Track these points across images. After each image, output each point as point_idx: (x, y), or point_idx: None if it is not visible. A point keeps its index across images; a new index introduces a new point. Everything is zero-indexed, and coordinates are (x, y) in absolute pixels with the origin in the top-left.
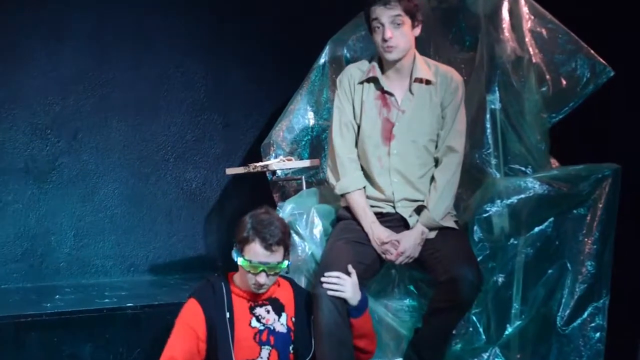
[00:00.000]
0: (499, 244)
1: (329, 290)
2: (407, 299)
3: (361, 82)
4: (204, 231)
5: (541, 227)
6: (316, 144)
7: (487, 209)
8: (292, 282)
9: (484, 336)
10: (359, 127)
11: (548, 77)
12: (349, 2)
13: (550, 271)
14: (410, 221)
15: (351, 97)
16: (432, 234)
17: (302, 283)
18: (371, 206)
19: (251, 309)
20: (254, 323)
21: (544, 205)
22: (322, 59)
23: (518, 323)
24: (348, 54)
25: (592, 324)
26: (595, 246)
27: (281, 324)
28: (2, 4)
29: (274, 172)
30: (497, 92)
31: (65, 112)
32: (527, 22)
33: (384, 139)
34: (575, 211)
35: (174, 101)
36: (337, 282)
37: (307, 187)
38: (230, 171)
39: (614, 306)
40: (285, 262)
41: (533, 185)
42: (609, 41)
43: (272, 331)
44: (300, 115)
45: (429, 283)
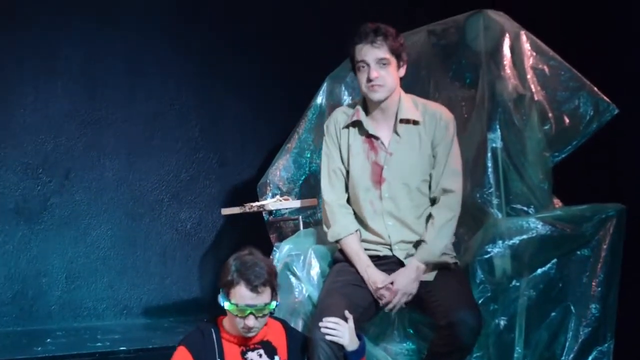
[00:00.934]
0: (500, 286)
1: (326, 335)
2: (407, 342)
3: (347, 127)
4: (199, 273)
5: (544, 268)
6: (314, 183)
7: (489, 250)
8: (285, 324)
9: None
10: (347, 172)
11: (550, 115)
12: (346, 38)
13: (553, 314)
14: (407, 262)
15: (338, 143)
16: (431, 276)
17: (299, 326)
18: (367, 249)
19: (243, 353)
20: None
21: (547, 246)
22: (320, 97)
23: None
24: (346, 91)
25: None
26: (599, 288)
27: None
28: None
29: (270, 212)
30: (499, 130)
31: (56, 151)
32: (529, 59)
33: (374, 182)
34: (579, 252)
35: (168, 139)
36: (334, 328)
37: (304, 228)
38: (226, 211)
39: (619, 350)
40: (274, 303)
41: (535, 226)
42: (612, 77)
43: None
44: (298, 154)
45: (429, 326)
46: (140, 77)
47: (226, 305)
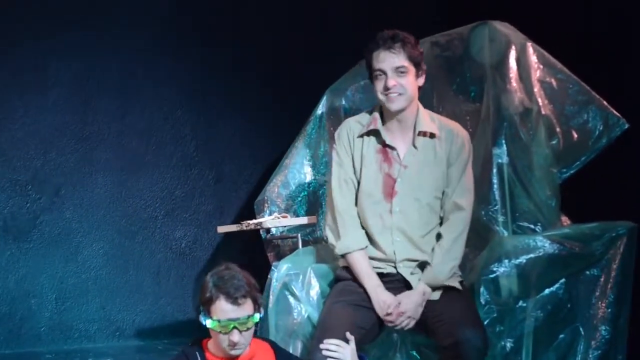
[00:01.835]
0: (506, 306)
1: (328, 358)
2: None
3: (361, 136)
4: (194, 293)
5: (552, 288)
6: (313, 200)
7: (494, 269)
8: (273, 344)
9: None
10: (358, 183)
11: (558, 129)
12: (346, 50)
13: (561, 336)
14: (412, 280)
15: (351, 152)
16: (436, 295)
17: (298, 347)
18: None
19: None
20: None
21: (555, 266)
22: (319, 110)
23: None
24: (346, 105)
25: None
26: (609, 310)
27: None
28: None
29: (268, 230)
30: (505, 145)
31: (46, 167)
32: (536, 72)
33: (385, 195)
34: (588, 272)
35: (162, 155)
36: (336, 350)
37: (303, 246)
38: (222, 229)
39: None
40: (257, 315)
41: (543, 244)
42: (622, 90)
43: None
44: (296, 170)
45: (432, 348)
46: (134, 91)
47: (208, 323)
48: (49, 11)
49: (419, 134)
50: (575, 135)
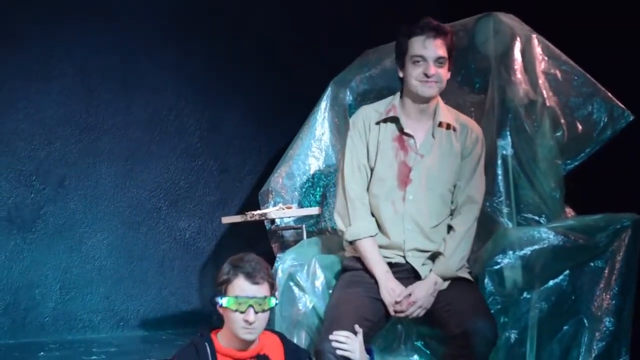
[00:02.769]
0: (511, 298)
1: (337, 350)
2: (415, 356)
3: (377, 123)
4: (199, 283)
5: (556, 280)
6: (317, 191)
7: (499, 260)
8: (282, 337)
9: None
10: (372, 170)
11: (563, 121)
12: (351, 41)
13: (565, 327)
14: (423, 271)
15: (366, 139)
16: (445, 285)
17: (302, 338)
18: None
19: None
20: None
21: (559, 257)
22: (324, 101)
23: None
24: (351, 96)
25: None
26: (614, 301)
27: None
28: None
29: (272, 221)
30: (509, 137)
31: (51, 158)
32: (541, 64)
33: (400, 182)
34: (592, 264)
35: (166, 146)
36: (345, 342)
37: (307, 237)
38: (227, 220)
39: None
40: (273, 300)
41: (547, 236)
42: (626, 82)
43: None
44: (301, 161)
45: (437, 339)
46: (138, 82)
47: (224, 301)
48: (52, 1)
49: (439, 124)
50: (579, 127)
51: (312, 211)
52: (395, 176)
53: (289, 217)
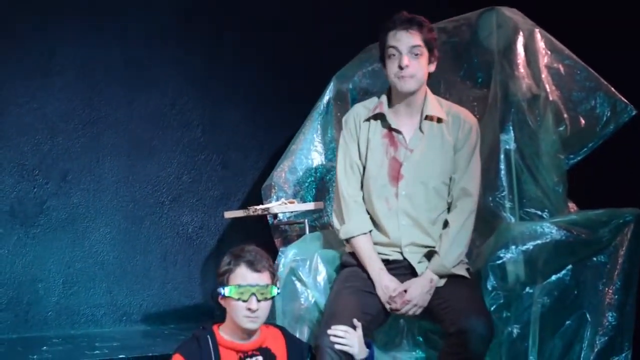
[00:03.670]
0: (513, 292)
1: (336, 345)
2: (416, 351)
3: (367, 120)
4: (201, 278)
5: (559, 275)
6: (320, 185)
7: (501, 255)
8: (284, 331)
9: None
10: (364, 168)
11: (566, 116)
12: (354, 36)
13: (568, 322)
14: (419, 268)
15: (356, 137)
16: (442, 282)
17: (304, 333)
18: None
19: None
20: None
21: (562, 252)
22: (326, 96)
23: None
24: (354, 91)
25: None
26: (616, 296)
27: None
28: None
29: (275, 216)
30: (512, 131)
31: (54, 152)
32: (544, 58)
33: (391, 178)
34: (595, 259)
35: (169, 140)
36: (344, 336)
37: (310, 232)
38: (229, 214)
39: None
40: (275, 289)
41: (550, 231)
42: (630, 76)
43: None
44: (303, 156)
45: (439, 334)
46: (141, 77)
47: (226, 291)
48: None
49: (425, 118)
50: (582, 122)
51: (314, 206)
52: (386, 173)
53: (292, 212)
